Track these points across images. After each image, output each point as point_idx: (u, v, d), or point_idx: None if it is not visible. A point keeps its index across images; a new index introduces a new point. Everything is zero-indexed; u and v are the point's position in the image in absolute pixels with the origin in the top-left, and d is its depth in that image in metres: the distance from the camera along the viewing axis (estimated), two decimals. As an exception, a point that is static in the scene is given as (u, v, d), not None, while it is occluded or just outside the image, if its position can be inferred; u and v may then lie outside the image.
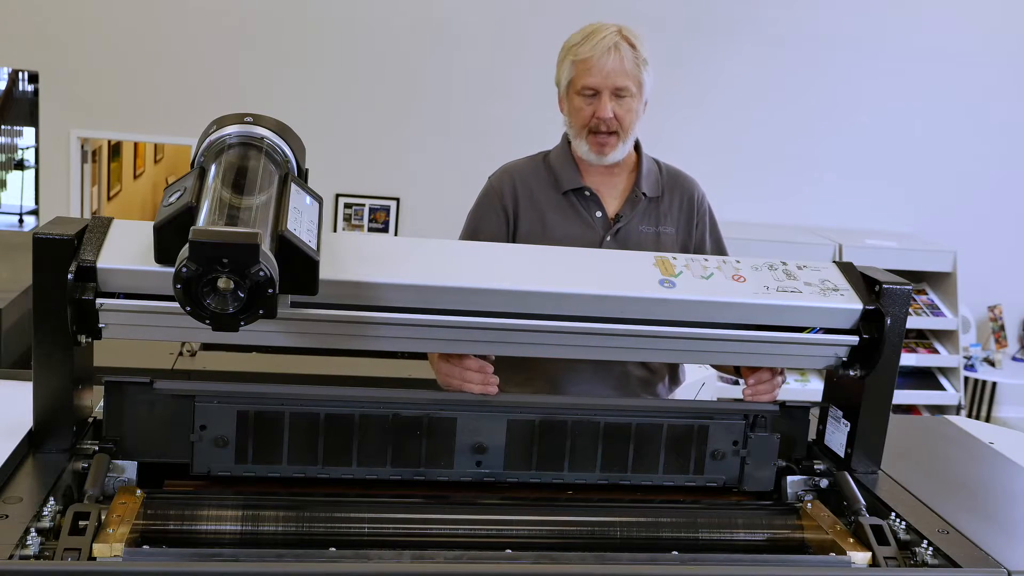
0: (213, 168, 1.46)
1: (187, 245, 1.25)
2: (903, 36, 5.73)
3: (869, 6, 5.69)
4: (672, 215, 2.25)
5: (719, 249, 2.31)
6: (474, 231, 2.24)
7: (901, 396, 5.34)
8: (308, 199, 1.51)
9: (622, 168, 2.24)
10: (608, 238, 2.19)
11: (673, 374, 2.30)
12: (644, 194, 2.22)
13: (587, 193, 2.21)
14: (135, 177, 7.78)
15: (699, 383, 2.15)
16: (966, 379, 5.70)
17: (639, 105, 2.16)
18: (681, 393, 2.37)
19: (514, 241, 2.20)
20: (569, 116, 2.20)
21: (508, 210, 2.22)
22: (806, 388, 5.30)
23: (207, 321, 1.31)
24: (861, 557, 1.53)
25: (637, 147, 2.27)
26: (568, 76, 2.17)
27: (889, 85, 5.78)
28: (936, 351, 5.61)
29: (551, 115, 2.49)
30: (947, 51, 5.77)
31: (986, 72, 5.84)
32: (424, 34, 5.43)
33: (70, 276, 1.45)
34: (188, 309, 1.29)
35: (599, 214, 2.21)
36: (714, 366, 2.51)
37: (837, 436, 1.80)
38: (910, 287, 1.72)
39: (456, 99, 5.53)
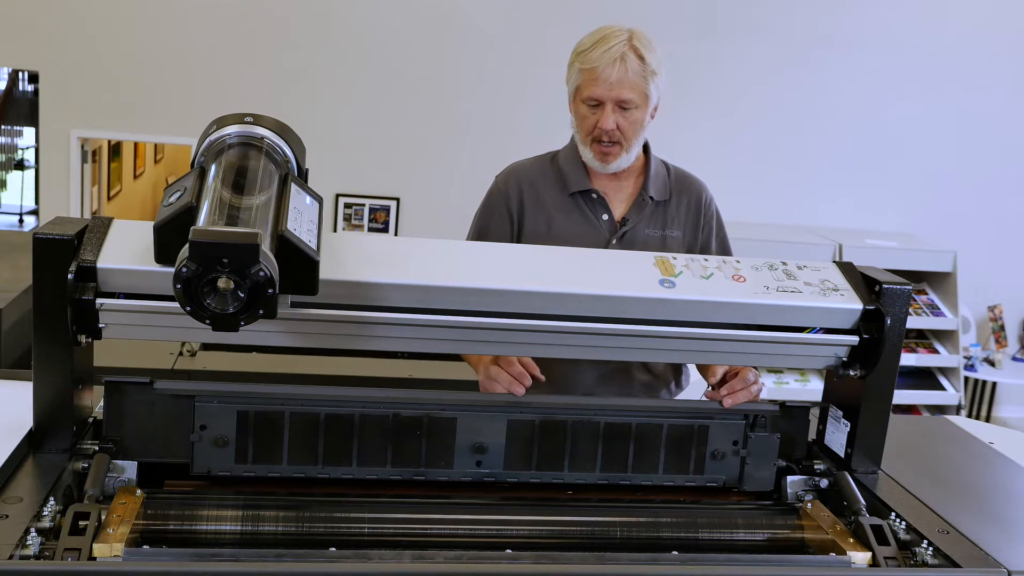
0: (213, 168, 1.46)
1: (187, 245, 1.25)
2: (905, 36, 5.73)
3: (871, 6, 5.69)
4: (679, 219, 2.24)
5: (724, 252, 2.30)
6: (481, 231, 2.23)
7: (901, 396, 5.34)
8: (308, 199, 1.51)
9: (630, 171, 2.23)
10: (614, 241, 2.18)
11: (677, 379, 2.30)
12: (651, 198, 2.22)
13: (594, 196, 2.20)
14: (135, 177, 7.78)
15: (703, 384, 2.16)
16: (966, 379, 5.69)
17: (644, 116, 2.13)
18: (684, 394, 2.36)
19: (519, 242, 2.19)
20: (576, 122, 2.20)
21: (513, 212, 2.21)
22: (806, 388, 5.29)
23: (207, 321, 1.31)
24: (861, 557, 1.53)
25: (646, 150, 2.26)
26: (575, 83, 2.15)
27: (890, 85, 5.78)
28: (936, 351, 5.60)
29: (552, 115, 2.49)
30: (948, 51, 5.77)
31: (987, 72, 5.84)
32: (425, 34, 5.43)
33: (70, 276, 1.45)
34: (188, 309, 1.29)
35: (605, 217, 2.20)
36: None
37: (837, 436, 1.80)
38: (910, 287, 1.72)
39: (457, 99, 5.53)
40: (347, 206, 5.56)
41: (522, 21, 5.45)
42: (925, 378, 5.59)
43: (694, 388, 2.23)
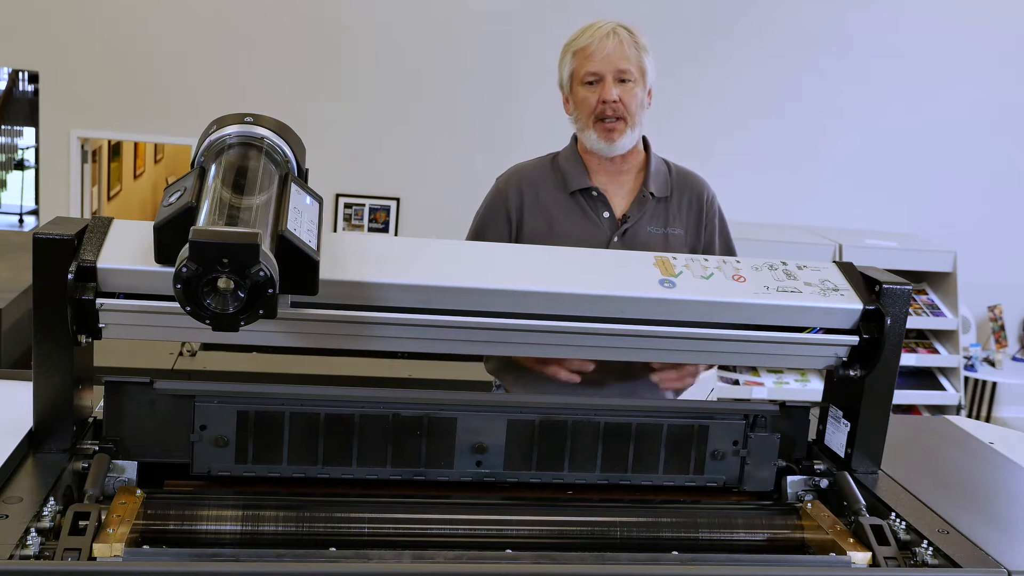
0: (213, 168, 1.46)
1: (187, 245, 1.25)
2: (903, 36, 5.73)
3: (870, 7, 5.69)
4: (681, 216, 2.24)
5: (728, 251, 2.30)
6: (479, 232, 2.24)
7: (901, 396, 5.34)
8: (308, 199, 1.51)
9: (631, 167, 2.24)
10: (615, 239, 2.18)
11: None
12: (652, 194, 2.22)
13: (594, 193, 2.21)
14: (135, 177, 7.78)
15: (707, 387, 2.14)
16: (966, 379, 5.69)
17: (642, 92, 2.16)
18: (685, 394, 2.36)
19: (520, 242, 2.19)
20: (575, 110, 2.20)
21: (512, 214, 2.21)
22: (806, 388, 5.30)
23: (207, 321, 1.31)
24: (861, 557, 1.53)
25: (647, 147, 2.26)
26: (570, 69, 2.18)
27: (889, 85, 5.78)
28: (936, 351, 5.60)
29: (553, 116, 2.49)
30: (947, 51, 5.77)
31: (986, 72, 5.84)
32: (425, 34, 5.43)
33: (70, 276, 1.45)
34: (188, 309, 1.29)
35: (606, 214, 2.20)
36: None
37: (837, 436, 1.80)
38: (910, 287, 1.71)
39: (457, 99, 5.53)
40: (347, 206, 5.56)
41: (524, 21, 5.45)
42: (925, 378, 5.59)
43: (695, 387, 2.23)
